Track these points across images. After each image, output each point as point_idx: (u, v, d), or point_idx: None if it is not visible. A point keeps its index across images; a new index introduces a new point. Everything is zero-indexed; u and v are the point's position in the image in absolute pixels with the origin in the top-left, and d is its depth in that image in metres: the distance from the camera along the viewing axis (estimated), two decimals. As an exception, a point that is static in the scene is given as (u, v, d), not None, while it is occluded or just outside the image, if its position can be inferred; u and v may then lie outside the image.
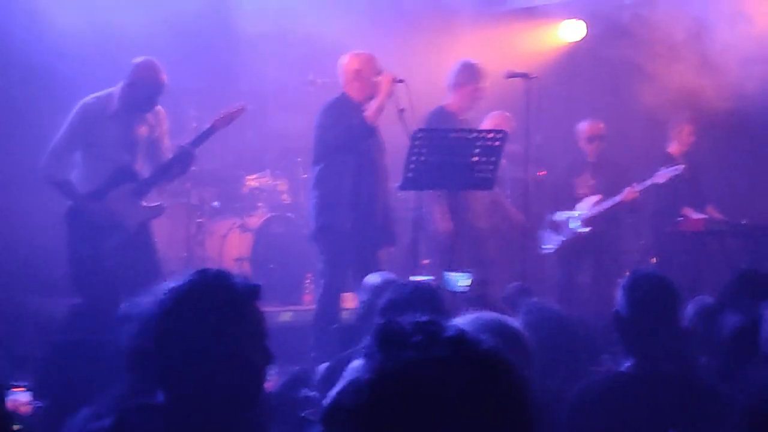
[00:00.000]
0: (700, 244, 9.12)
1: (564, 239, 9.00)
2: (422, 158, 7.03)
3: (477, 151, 7.14)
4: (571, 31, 10.67)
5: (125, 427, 2.55)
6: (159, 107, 7.27)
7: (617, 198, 8.88)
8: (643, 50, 9.44)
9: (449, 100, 8.12)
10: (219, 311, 2.62)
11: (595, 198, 9.01)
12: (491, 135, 7.30)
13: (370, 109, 7.41)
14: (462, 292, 5.05)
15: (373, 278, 5.60)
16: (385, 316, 4.30)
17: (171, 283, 2.70)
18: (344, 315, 7.47)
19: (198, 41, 8.87)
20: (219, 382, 2.60)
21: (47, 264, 7.68)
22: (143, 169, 7.18)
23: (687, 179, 9.30)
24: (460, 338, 1.62)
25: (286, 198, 9.95)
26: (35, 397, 4.48)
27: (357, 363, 1.66)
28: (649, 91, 9.40)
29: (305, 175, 10.02)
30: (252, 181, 9.96)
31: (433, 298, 4.37)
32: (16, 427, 3.75)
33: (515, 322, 3.40)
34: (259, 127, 9.94)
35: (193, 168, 9.35)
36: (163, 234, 9.23)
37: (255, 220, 9.48)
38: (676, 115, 9.43)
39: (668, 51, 9.39)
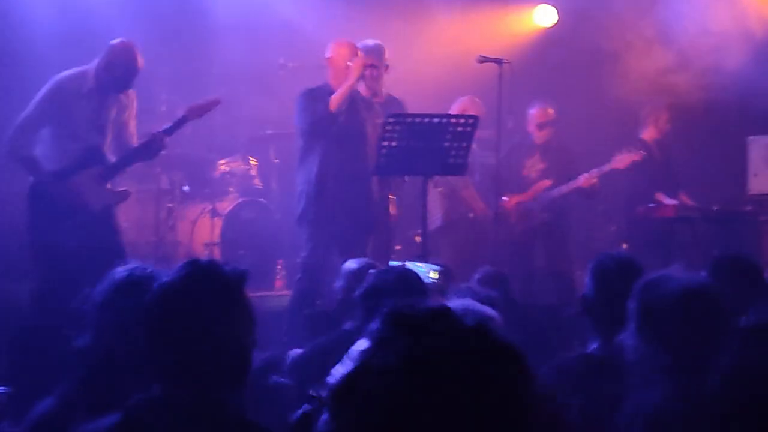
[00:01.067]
0: (671, 230, 9.14)
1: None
2: (394, 143, 7.01)
3: (448, 136, 7.12)
4: (545, 16, 10.66)
5: (132, 423, 2.58)
6: (132, 92, 7.19)
7: (573, 183, 8.87)
8: (615, 36, 9.45)
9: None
10: (214, 301, 2.66)
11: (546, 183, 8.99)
12: (462, 120, 7.28)
13: (335, 94, 7.37)
14: (429, 284, 5.04)
15: (350, 264, 5.58)
16: (367, 302, 4.29)
17: (163, 277, 2.70)
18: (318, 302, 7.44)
19: (170, 25, 8.80)
20: (215, 370, 2.64)
21: (9, 246, 7.57)
22: (110, 151, 7.09)
23: (660, 165, 9.32)
24: (482, 328, 1.67)
25: (257, 183, 9.89)
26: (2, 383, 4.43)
27: (364, 346, 1.67)
28: (620, 77, 9.42)
29: (276, 160, 9.98)
30: (223, 165, 9.90)
31: (418, 285, 4.35)
32: None
33: (489, 309, 3.40)
34: (230, 111, 9.86)
35: (163, 152, 9.33)
36: (133, 218, 9.17)
37: (225, 205, 9.41)
38: (652, 102, 9.43)
39: (640, 37, 9.40)
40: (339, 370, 1.68)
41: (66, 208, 6.82)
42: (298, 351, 5.19)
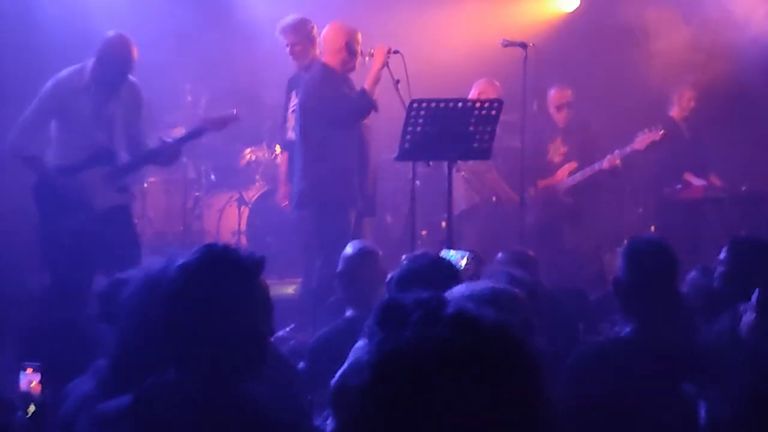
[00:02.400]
0: (700, 211, 9.08)
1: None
2: (418, 129, 6.98)
3: (473, 120, 7.09)
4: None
5: (144, 405, 2.59)
6: (136, 85, 7.14)
7: (597, 165, 8.84)
8: (638, 16, 9.38)
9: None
10: (229, 285, 2.67)
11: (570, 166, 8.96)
12: (487, 104, 7.24)
13: (367, 82, 7.35)
14: (461, 271, 5.03)
15: (349, 249, 5.57)
16: (400, 289, 4.26)
17: (178, 260, 2.71)
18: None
19: (193, 15, 8.80)
20: (229, 355, 2.65)
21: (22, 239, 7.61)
22: (120, 149, 7.06)
23: (688, 144, 9.26)
24: (460, 316, 1.60)
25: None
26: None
27: (360, 343, 1.67)
28: (645, 58, 9.35)
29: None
30: (249, 154, 9.93)
31: (450, 272, 4.31)
32: (31, 407, 3.75)
33: (508, 286, 3.37)
34: (253, 99, 9.88)
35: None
36: (160, 208, 9.23)
37: (252, 193, 9.45)
38: (676, 81, 9.37)
39: (663, 16, 9.34)
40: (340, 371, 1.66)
41: (70, 204, 6.79)
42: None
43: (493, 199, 8.98)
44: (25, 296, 7.26)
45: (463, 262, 5.27)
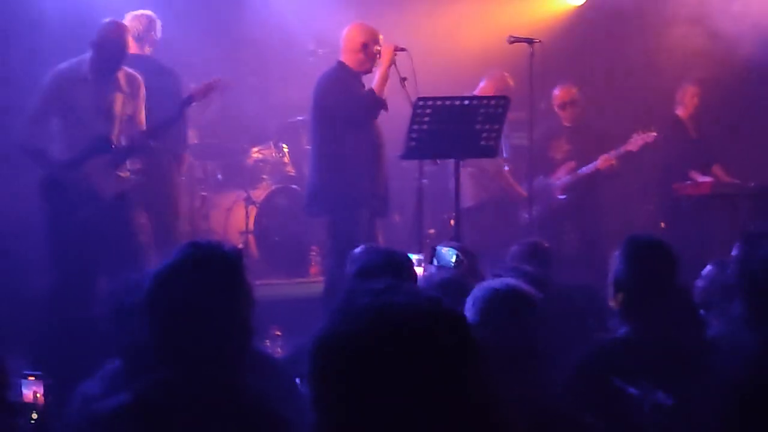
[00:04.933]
0: (708, 208, 9.05)
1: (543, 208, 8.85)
2: (424, 127, 6.97)
3: (479, 118, 7.07)
4: (574, -6, 10.58)
5: (142, 403, 2.62)
6: (135, 74, 7.15)
7: (592, 165, 8.83)
8: (645, 13, 9.35)
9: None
10: (216, 280, 2.69)
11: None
12: (493, 102, 7.22)
13: (375, 81, 7.31)
14: (452, 267, 5.03)
15: (358, 249, 5.55)
16: (357, 281, 4.32)
17: (163, 260, 2.74)
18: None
19: (199, 14, 8.80)
20: (217, 350, 2.68)
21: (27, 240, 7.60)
22: (120, 139, 7.07)
23: (694, 142, 9.24)
24: (376, 307, 1.75)
25: (290, 170, 9.89)
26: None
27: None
28: (652, 55, 9.32)
29: (308, 147, 9.96)
30: (256, 153, 9.91)
31: (406, 266, 4.37)
32: (34, 415, 3.75)
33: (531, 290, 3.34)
34: (261, 98, 9.87)
35: (195, 142, 9.36)
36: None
37: (259, 193, 9.43)
38: (683, 77, 9.35)
39: (671, 13, 9.31)
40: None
41: (78, 197, 6.81)
42: None
43: (500, 195, 8.95)
44: (31, 298, 7.24)
45: (453, 258, 5.26)
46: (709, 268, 5.04)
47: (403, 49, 7.34)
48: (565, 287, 5.30)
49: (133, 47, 7.57)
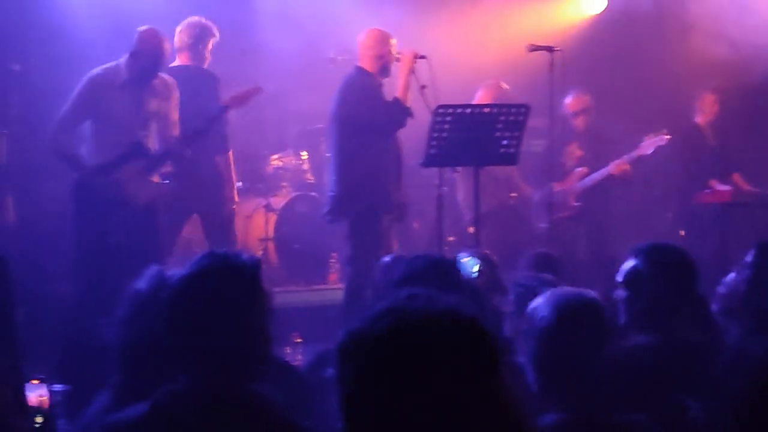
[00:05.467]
0: (728, 216, 9.02)
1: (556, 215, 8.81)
2: (444, 134, 6.99)
3: (500, 126, 7.08)
4: (593, 3, 10.57)
5: (159, 414, 2.62)
6: (170, 80, 7.21)
7: (605, 171, 8.80)
8: (665, 21, 9.34)
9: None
10: (234, 290, 2.70)
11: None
12: (514, 109, 7.23)
13: (399, 89, 7.31)
14: (475, 277, 5.02)
15: (386, 258, 5.55)
16: (400, 288, 4.26)
17: (180, 270, 2.75)
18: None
19: (216, 20, 8.81)
20: (237, 359, 2.68)
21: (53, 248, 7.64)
22: (154, 145, 7.12)
23: (713, 149, 9.22)
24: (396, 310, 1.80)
25: (309, 177, 9.92)
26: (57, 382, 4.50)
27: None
28: (670, 62, 9.30)
29: (328, 154, 9.99)
30: (275, 160, 9.94)
31: (451, 272, 4.31)
32: (38, 419, 3.77)
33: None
34: (280, 106, 9.90)
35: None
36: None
37: (279, 200, 9.45)
38: (702, 84, 9.32)
39: (692, 20, 9.29)
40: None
41: (111, 202, 6.84)
42: None
43: (511, 202, 8.93)
44: (56, 305, 7.28)
45: (476, 268, 5.26)
46: (732, 275, 5.03)
47: (423, 57, 7.36)
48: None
49: (183, 58, 7.65)
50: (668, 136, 8.72)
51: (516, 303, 4.34)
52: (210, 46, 7.88)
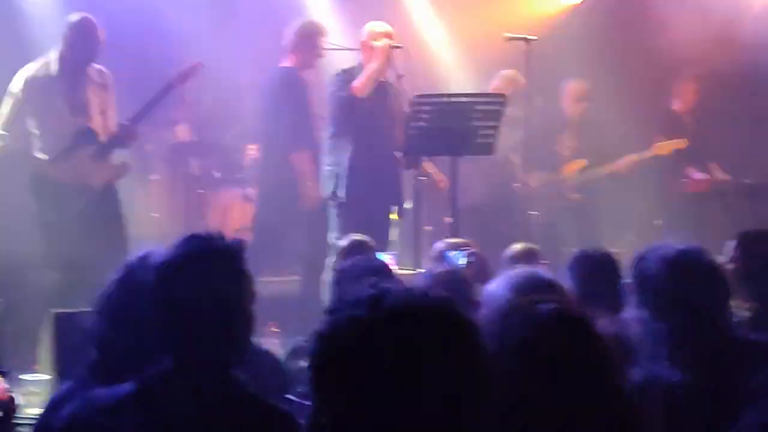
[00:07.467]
0: (705, 205, 9.04)
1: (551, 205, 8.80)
2: (422, 124, 6.97)
3: (477, 116, 7.07)
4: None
5: (147, 394, 2.64)
6: (105, 70, 7.16)
7: (613, 166, 8.78)
8: (643, 10, 9.35)
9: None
10: (217, 270, 2.72)
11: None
12: (490, 99, 7.23)
13: (359, 78, 7.30)
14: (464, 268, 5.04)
15: (342, 241, 5.57)
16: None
17: (163, 252, 2.77)
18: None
19: (198, 4, 8.77)
20: (220, 339, 2.70)
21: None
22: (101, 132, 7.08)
23: (692, 140, 9.21)
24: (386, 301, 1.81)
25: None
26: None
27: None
28: (649, 51, 9.31)
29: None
30: (253, 150, 9.89)
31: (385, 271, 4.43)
32: None
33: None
34: (256, 94, 9.85)
35: (190, 139, 9.35)
36: (163, 206, 9.21)
37: (256, 190, 9.39)
38: (679, 73, 9.33)
39: (668, 9, 9.30)
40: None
41: (69, 190, 6.85)
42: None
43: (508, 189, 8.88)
44: (32, 296, 7.24)
45: (463, 261, 5.27)
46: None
47: (398, 47, 7.34)
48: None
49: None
50: (685, 141, 8.70)
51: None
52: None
